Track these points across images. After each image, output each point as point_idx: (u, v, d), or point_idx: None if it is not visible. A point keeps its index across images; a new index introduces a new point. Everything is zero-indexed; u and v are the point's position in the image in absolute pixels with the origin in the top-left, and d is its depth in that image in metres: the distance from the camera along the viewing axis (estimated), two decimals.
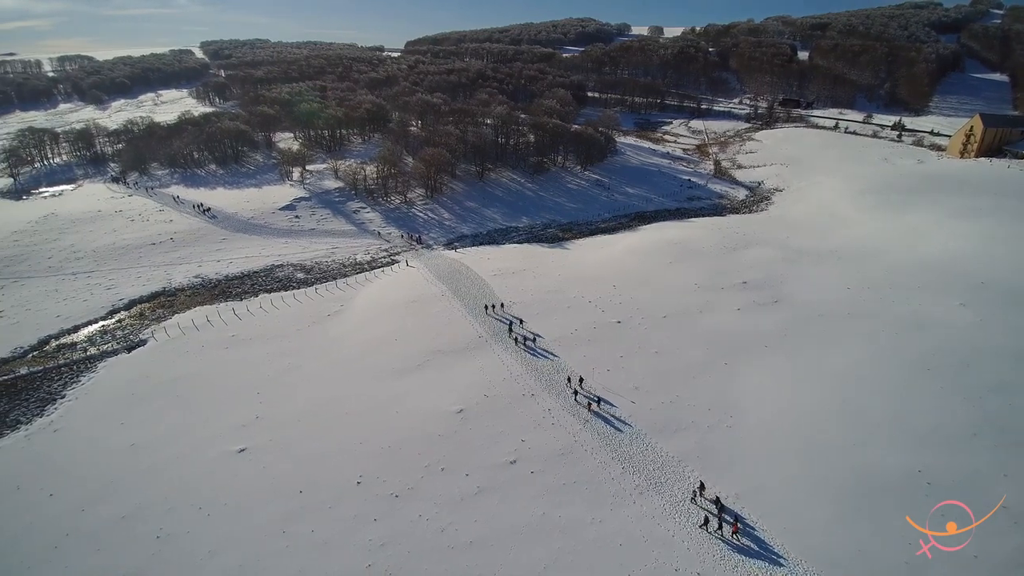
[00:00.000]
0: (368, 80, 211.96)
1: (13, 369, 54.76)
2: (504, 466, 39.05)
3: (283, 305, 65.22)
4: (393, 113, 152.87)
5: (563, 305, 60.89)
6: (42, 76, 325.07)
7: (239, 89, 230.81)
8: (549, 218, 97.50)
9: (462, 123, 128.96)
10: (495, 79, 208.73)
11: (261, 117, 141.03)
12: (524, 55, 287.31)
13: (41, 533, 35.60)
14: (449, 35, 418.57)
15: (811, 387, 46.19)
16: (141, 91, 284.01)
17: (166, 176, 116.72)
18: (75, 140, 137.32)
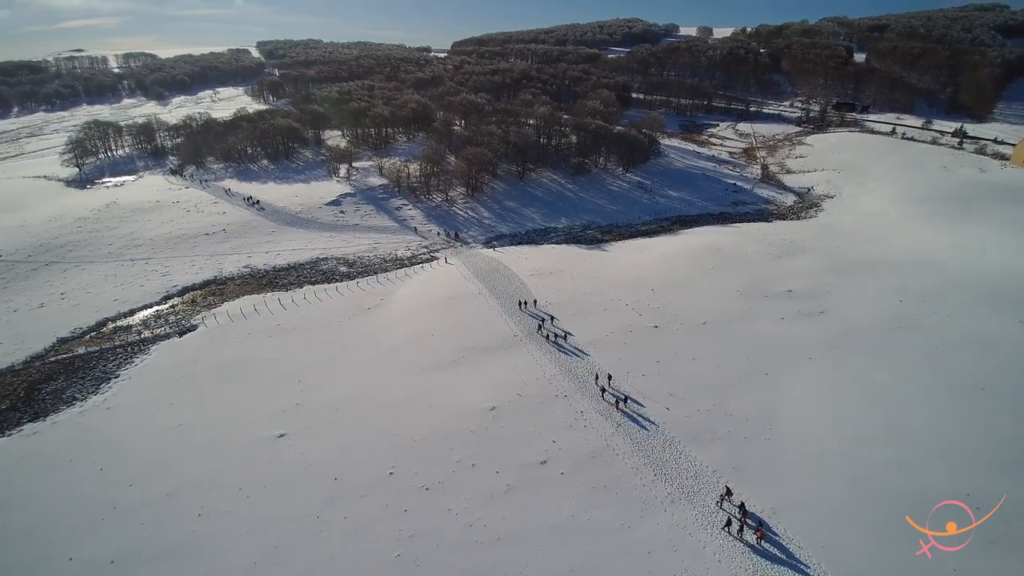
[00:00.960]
0: (415, 80, 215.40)
1: (72, 348, 58.25)
2: (534, 466, 39.08)
3: (326, 297, 67.08)
4: (437, 112, 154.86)
5: (599, 307, 60.43)
6: (108, 72, 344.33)
7: (292, 88, 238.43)
8: (588, 219, 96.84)
9: (505, 123, 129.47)
10: (539, 79, 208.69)
11: (311, 115, 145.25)
12: (569, 56, 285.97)
13: (90, 505, 37.69)
14: (495, 36, 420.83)
15: (856, 403, 44.39)
16: (200, 88, 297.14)
17: (221, 170, 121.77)
18: (137, 133, 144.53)
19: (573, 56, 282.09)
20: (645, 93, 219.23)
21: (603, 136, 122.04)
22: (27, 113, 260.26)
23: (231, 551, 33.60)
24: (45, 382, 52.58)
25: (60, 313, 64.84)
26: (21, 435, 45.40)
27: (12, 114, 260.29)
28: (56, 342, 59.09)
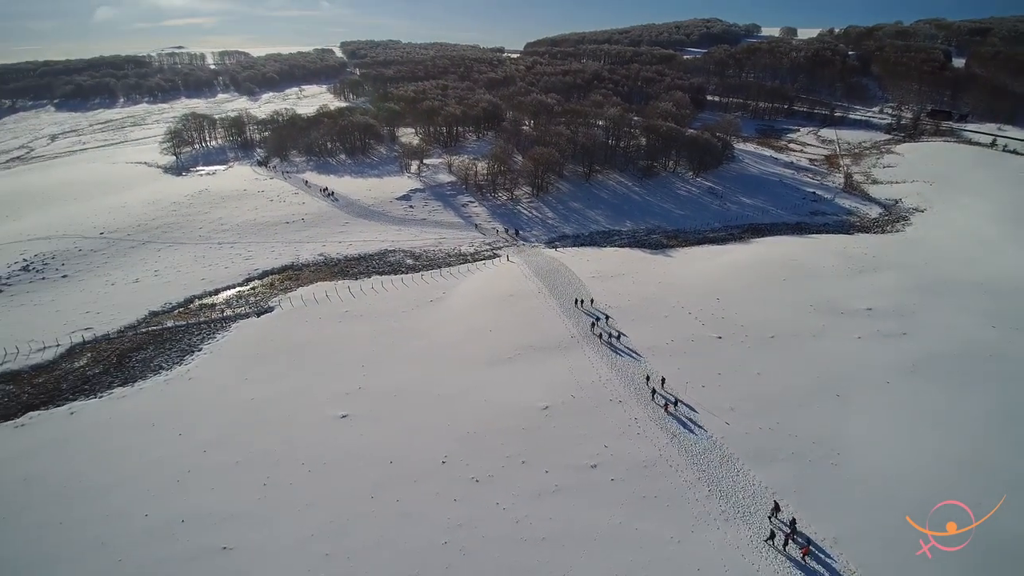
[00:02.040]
0: (487, 80, 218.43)
1: (161, 322, 63.50)
2: (585, 469, 38.93)
3: (391, 287, 69.52)
4: (507, 112, 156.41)
5: (661, 314, 59.19)
6: (205, 68, 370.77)
7: (371, 86, 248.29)
8: (654, 224, 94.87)
9: (574, 123, 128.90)
10: (611, 80, 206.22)
11: (388, 113, 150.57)
12: (643, 56, 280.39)
13: (168, 467, 40.88)
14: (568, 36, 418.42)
15: (936, 434, 41.19)
16: (287, 86, 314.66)
17: (302, 163, 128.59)
18: (229, 126, 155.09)
19: (647, 57, 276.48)
20: (721, 95, 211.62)
21: (674, 139, 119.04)
22: (132, 104, 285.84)
23: (291, 522, 35.60)
24: (136, 351, 57.67)
25: (153, 288, 70.86)
26: (111, 397, 50.05)
27: (118, 104, 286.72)
28: (148, 315, 64.63)
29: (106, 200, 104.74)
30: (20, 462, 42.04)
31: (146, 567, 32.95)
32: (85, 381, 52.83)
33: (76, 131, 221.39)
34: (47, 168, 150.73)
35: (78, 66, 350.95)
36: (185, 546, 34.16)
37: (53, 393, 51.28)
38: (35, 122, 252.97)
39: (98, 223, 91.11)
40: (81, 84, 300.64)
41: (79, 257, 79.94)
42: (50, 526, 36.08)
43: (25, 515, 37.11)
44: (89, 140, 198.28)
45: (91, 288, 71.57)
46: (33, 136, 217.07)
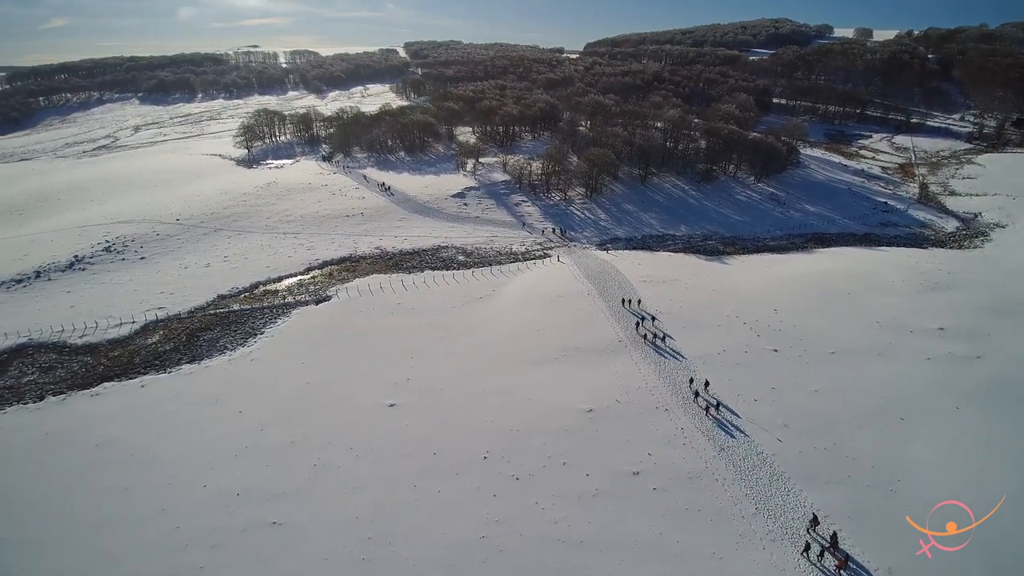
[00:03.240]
0: (545, 80, 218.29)
1: (228, 305, 67.20)
2: (627, 475, 38.44)
3: (443, 283, 70.81)
4: (564, 112, 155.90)
5: (714, 322, 57.56)
6: (277, 67, 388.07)
7: (431, 86, 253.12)
8: (711, 229, 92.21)
9: (631, 125, 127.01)
10: (671, 81, 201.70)
11: (447, 112, 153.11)
12: (706, 57, 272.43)
13: (228, 441, 43.30)
14: (629, 37, 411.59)
15: (1009, 465, 38.17)
16: (353, 84, 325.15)
17: (364, 159, 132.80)
18: (297, 123, 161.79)
19: (710, 58, 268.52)
20: (788, 98, 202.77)
21: (736, 142, 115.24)
22: (209, 99, 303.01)
23: (337, 503, 37.02)
24: (204, 331, 61.32)
25: (222, 273, 75.10)
26: (180, 373, 53.48)
27: (197, 99, 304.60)
28: (216, 298, 68.56)
29: (183, 189, 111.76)
30: (94, 428, 45.65)
31: (201, 535, 35.06)
32: (156, 357, 56.70)
33: (157, 123, 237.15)
34: (130, 157, 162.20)
35: (161, 62, 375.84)
36: (238, 518, 36.14)
37: (127, 366, 55.33)
38: (120, 114, 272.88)
39: (175, 210, 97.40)
40: (163, 79, 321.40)
41: (156, 241, 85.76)
42: (117, 491, 39.00)
43: (96, 478, 40.26)
44: (169, 132, 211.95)
45: (166, 270, 76.68)
46: (118, 127, 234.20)
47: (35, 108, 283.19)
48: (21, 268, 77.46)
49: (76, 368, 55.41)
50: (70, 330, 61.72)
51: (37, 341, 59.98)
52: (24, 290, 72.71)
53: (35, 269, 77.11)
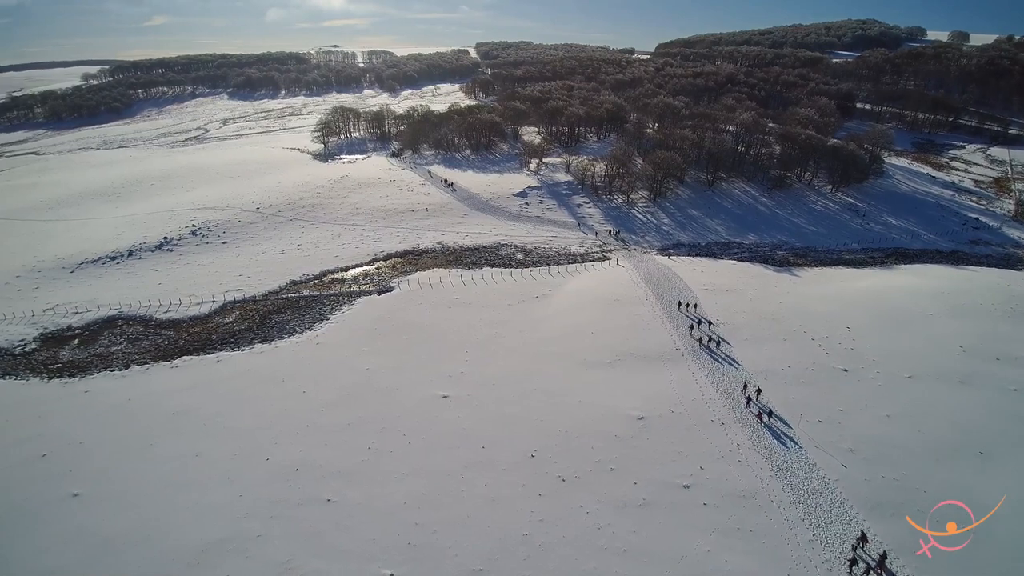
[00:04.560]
0: (613, 81, 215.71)
1: (299, 290, 70.83)
2: (676, 487, 37.46)
3: (500, 280, 71.56)
4: (632, 114, 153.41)
5: (779, 336, 55.04)
6: (355, 66, 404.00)
7: (500, 86, 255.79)
8: (781, 239, 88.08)
9: (701, 128, 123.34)
10: (746, 84, 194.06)
11: (513, 111, 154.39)
12: (785, 59, 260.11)
13: (291, 419, 45.68)
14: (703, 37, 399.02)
15: None
16: (425, 84, 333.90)
17: (431, 156, 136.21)
18: (371, 120, 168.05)
19: (790, 59, 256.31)
20: (873, 104, 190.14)
21: (813, 148, 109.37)
22: (291, 96, 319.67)
23: (388, 486, 38.26)
24: (276, 313, 64.97)
25: (294, 260, 79.27)
26: (252, 352, 56.96)
27: (280, 96, 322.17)
28: (288, 283, 72.47)
29: (263, 180, 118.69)
30: (172, 397, 49.47)
31: (261, 505, 37.21)
32: (232, 335, 60.66)
33: (244, 117, 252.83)
34: (218, 148, 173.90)
35: (249, 60, 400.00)
36: (296, 492, 38.10)
37: (205, 342, 59.53)
38: (211, 107, 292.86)
39: (255, 199, 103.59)
40: (250, 76, 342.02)
41: (238, 227, 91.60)
42: (188, 457, 42.04)
43: (170, 444, 43.59)
44: (254, 126, 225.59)
45: (245, 255, 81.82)
46: (208, 119, 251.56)
47: (134, 99, 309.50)
48: (116, 246, 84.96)
49: (159, 341, 60.19)
50: (156, 306, 67.07)
51: (126, 314, 65.62)
52: (117, 267, 79.71)
53: (128, 248, 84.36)
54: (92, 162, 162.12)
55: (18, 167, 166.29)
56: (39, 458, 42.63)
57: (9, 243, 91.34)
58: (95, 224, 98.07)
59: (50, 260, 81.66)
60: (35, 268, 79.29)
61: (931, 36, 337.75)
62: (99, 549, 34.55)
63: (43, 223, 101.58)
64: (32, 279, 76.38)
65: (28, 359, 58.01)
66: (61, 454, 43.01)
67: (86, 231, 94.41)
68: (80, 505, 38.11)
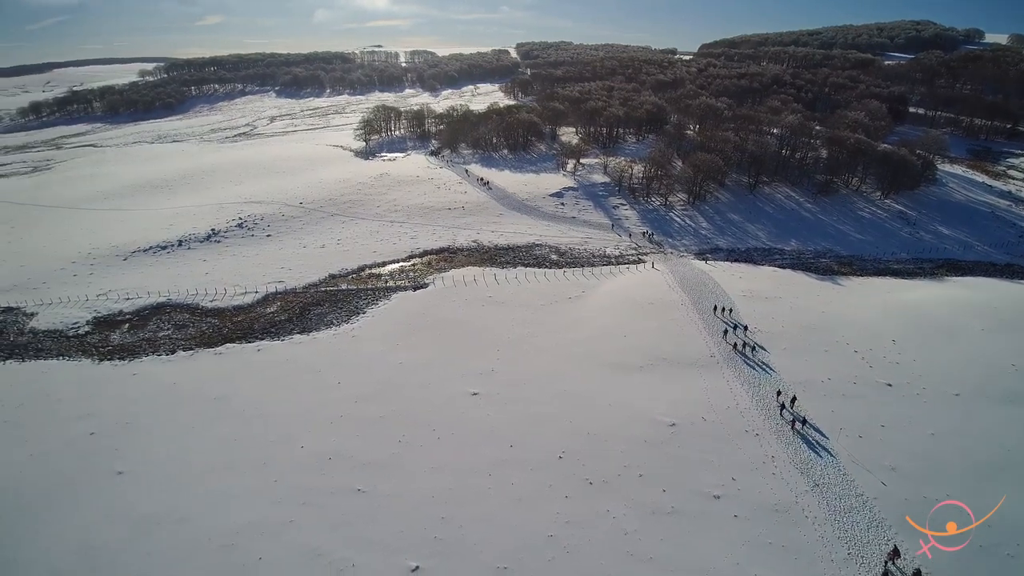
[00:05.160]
0: (654, 82, 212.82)
1: (337, 284, 72.55)
2: (706, 497, 36.78)
3: (534, 280, 71.62)
4: (672, 115, 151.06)
5: (820, 347, 53.33)
6: (397, 66, 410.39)
7: (539, 86, 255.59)
8: (825, 246, 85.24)
9: (744, 130, 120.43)
10: (792, 85, 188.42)
11: (552, 112, 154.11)
12: (834, 60, 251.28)
13: (326, 409, 46.85)
14: (749, 38, 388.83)
15: None
16: (465, 84, 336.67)
17: (469, 155, 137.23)
18: (411, 119, 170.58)
19: (839, 61, 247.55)
20: (927, 108, 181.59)
21: (862, 153, 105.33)
22: (335, 95, 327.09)
23: (417, 480, 38.84)
24: (315, 305, 66.71)
25: (334, 255, 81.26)
26: (291, 342, 58.66)
27: (325, 94, 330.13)
28: (327, 277, 74.34)
29: (307, 175, 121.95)
30: (215, 383, 51.42)
31: (295, 491, 38.31)
32: (272, 325, 62.63)
33: (290, 115, 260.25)
34: (265, 144, 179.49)
35: (296, 60, 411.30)
36: (328, 480, 39.09)
37: (247, 331, 61.63)
38: (259, 105, 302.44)
39: (299, 194, 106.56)
40: (297, 75, 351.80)
41: (282, 221, 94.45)
42: (228, 440, 43.66)
43: (211, 427, 45.35)
44: (299, 123, 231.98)
45: (287, 248, 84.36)
46: (256, 116, 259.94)
47: (187, 96, 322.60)
48: (166, 237, 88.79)
49: (204, 328, 62.61)
50: (203, 294, 69.76)
51: (174, 302, 68.50)
52: (167, 256, 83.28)
53: (178, 238, 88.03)
54: (146, 155, 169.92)
55: (78, 158, 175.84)
56: (88, 436, 45.00)
57: (67, 231, 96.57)
58: (148, 215, 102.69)
59: (105, 248, 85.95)
60: (90, 255, 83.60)
61: (989, 39, 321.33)
62: (138, 526, 36.24)
63: (99, 212, 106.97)
64: (87, 266, 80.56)
65: (81, 341, 61.26)
66: (108, 433, 45.29)
67: (139, 221, 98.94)
68: (123, 483, 40.05)
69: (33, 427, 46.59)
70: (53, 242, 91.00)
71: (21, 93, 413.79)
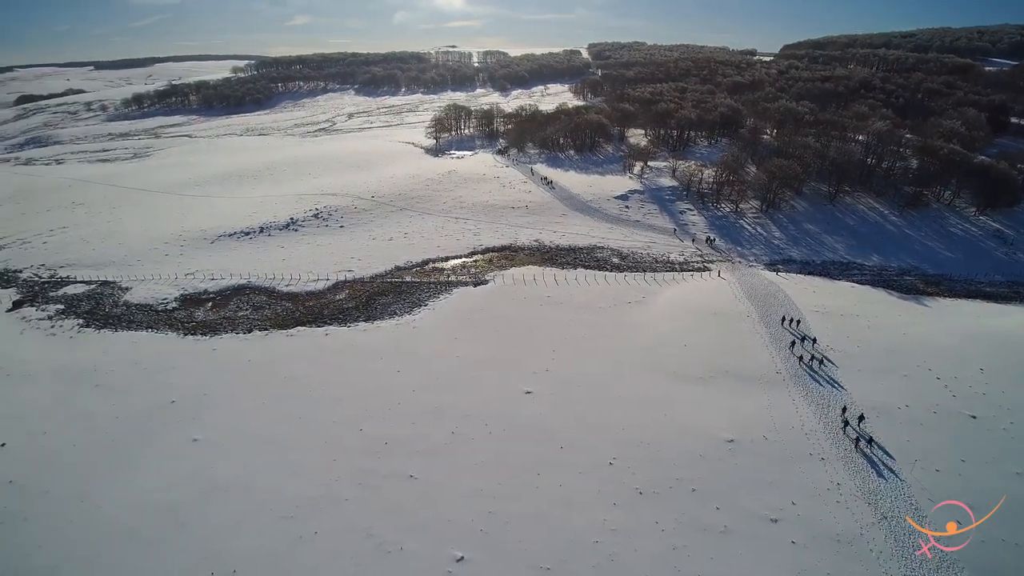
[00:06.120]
0: (731, 84, 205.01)
1: (402, 276, 74.97)
2: (762, 520, 35.33)
3: (594, 282, 71.10)
4: (748, 119, 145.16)
5: (898, 370, 49.90)
6: (469, 66, 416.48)
7: (609, 87, 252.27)
8: (910, 263, 79.41)
9: (825, 136, 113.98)
10: (882, 90, 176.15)
11: (621, 113, 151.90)
12: (929, 64, 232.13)
13: (385, 395, 48.60)
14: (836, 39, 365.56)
15: None
16: (535, 84, 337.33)
17: (535, 155, 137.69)
18: (480, 118, 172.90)
19: (934, 65, 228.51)
20: None
21: (957, 165, 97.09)
22: (410, 93, 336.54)
23: (467, 472, 39.65)
24: (380, 295, 69.29)
25: (401, 248, 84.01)
26: (356, 329, 61.22)
27: (400, 93, 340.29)
28: (393, 268, 77.01)
29: (380, 171, 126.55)
30: (286, 363, 54.49)
31: (352, 472, 40.07)
32: (340, 311, 65.63)
33: (367, 112, 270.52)
34: (342, 140, 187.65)
35: (375, 59, 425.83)
36: (383, 464, 40.61)
37: (317, 316, 64.88)
38: (339, 102, 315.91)
39: (371, 188, 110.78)
40: (375, 74, 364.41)
41: (354, 213, 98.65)
42: (294, 418, 46.19)
43: (281, 404, 48.10)
44: (375, 120, 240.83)
45: (358, 239, 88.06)
46: (336, 113, 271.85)
47: (274, 92, 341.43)
48: (249, 224, 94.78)
49: (279, 311, 66.47)
50: (279, 279, 74.07)
51: (253, 284, 73.09)
52: (249, 241, 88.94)
53: (260, 225, 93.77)
54: (235, 147, 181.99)
55: (173, 147, 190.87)
56: (169, 404, 48.95)
57: (162, 214, 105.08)
58: (234, 202, 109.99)
59: (194, 231, 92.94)
60: (181, 237, 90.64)
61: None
62: (208, 491, 39.04)
63: (190, 198, 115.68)
64: (178, 247, 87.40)
65: (169, 316, 66.63)
66: (188, 402, 49.07)
67: (226, 208, 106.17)
68: (198, 449, 43.29)
69: (122, 391, 51.24)
70: (148, 223, 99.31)
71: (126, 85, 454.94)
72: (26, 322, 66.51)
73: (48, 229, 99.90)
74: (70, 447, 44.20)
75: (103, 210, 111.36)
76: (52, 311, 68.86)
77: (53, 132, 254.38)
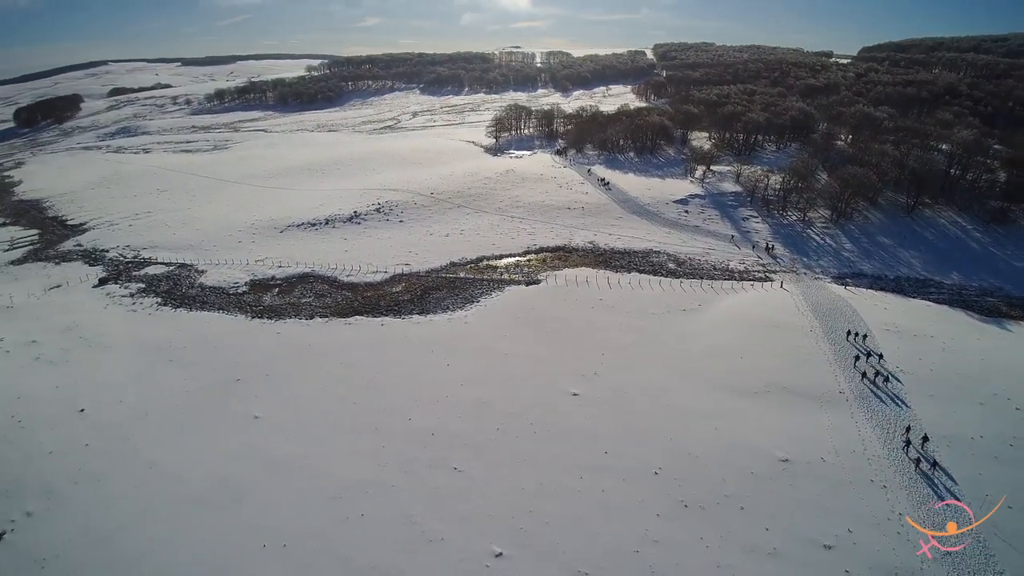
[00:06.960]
0: (803, 87, 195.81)
1: (456, 272, 76.41)
2: (815, 545, 33.70)
3: (647, 287, 69.84)
4: (821, 123, 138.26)
5: (974, 398, 46.30)
6: (532, 66, 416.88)
7: (673, 88, 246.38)
8: (993, 283, 73.27)
9: (905, 144, 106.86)
10: (969, 97, 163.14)
11: (684, 115, 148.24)
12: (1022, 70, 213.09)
13: (434, 387, 49.81)
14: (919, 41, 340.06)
15: None
16: (597, 85, 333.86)
17: (594, 156, 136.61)
18: (541, 118, 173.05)
19: None
20: None
21: None
22: (472, 93, 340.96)
23: (509, 469, 40.06)
24: (434, 290, 70.99)
25: (456, 244, 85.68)
26: (410, 321, 63.06)
27: (463, 92, 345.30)
28: (448, 264, 78.68)
29: (440, 168, 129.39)
30: (343, 350, 56.93)
31: (400, 459, 41.37)
32: (396, 303, 67.80)
33: (430, 111, 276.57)
34: (405, 137, 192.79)
35: (440, 59, 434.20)
36: (429, 454, 41.70)
37: (373, 306, 67.40)
38: (404, 100, 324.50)
39: (431, 185, 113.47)
40: (440, 74, 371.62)
41: (413, 209, 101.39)
42: (348, 403, 48.24)
43: (337, 389, 50.34)
44: (437, 119, 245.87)
45: (416, 234, 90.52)
46: (401, 111, 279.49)
47: (344, 91, 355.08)
48: (316, 215, 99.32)
49: (339, 299, 69.42)
50: (341, 269, 77.26)
51: (317, 273, 76.59)
52: (315, 232, 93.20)
53: (325, 217, 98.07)
54: (306, 142, 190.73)
55: (250, 141, 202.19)
56: (234, 381, 52.20)
57: (237, 203, 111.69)
58: (302, 194, 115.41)
59: (265, 220, 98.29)
60: (253, 226, 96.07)
61: None
62: (266, 467, 41.40)
63: (263, 189, 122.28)
64: (250, 234, 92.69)
65: (239, 299, 70.91)
66: (252, 381, 52.11)
67: (295, 199, 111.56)
68: (259, 426, 45.97)
69: (192, 367, 55.10)
70: (224, 211, 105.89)
71: (209, 81, 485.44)
72: (110, 298, 72.66)
73: (134, 213, 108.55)
74: (143, 416, 47.97)
75: (183, 197, 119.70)
76: (134, 289, 74.98)
77: (142, 123, 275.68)
